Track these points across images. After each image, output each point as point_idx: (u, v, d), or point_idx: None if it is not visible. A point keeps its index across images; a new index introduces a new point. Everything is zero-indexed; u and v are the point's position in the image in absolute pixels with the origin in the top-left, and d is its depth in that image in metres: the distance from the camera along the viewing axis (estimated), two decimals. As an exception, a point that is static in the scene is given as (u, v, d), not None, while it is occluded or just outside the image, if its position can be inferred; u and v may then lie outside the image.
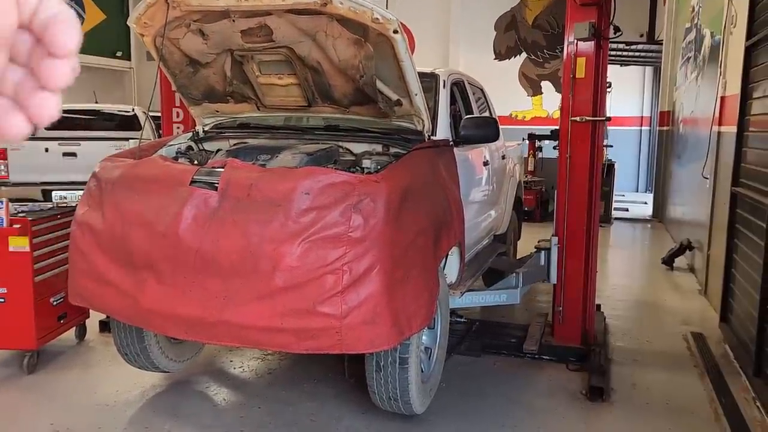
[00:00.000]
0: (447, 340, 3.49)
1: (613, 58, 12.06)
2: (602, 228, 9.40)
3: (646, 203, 11.92)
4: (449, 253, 3.44)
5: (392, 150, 3.28)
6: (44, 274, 3.79)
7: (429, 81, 3.81)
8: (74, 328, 4.22)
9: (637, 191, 14.55)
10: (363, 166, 3.05)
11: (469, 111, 4.38)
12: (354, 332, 2.51)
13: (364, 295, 2.50)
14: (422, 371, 3.15)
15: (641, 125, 14.73)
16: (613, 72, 13.46)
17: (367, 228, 2.52)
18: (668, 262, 6.77)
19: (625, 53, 11.98)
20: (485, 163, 4.34)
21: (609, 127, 13.50)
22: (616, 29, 3.78)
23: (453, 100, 4.18)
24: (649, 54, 12.37)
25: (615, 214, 10.39)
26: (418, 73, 3.11)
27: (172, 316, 2.65)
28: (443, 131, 3.59)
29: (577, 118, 3.88)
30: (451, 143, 3.59)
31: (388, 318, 2.54)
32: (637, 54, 12.33)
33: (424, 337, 3.25)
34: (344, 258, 2.49)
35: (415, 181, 2.86)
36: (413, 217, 2.75)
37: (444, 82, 3.88)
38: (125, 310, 2.78)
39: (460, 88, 4.38)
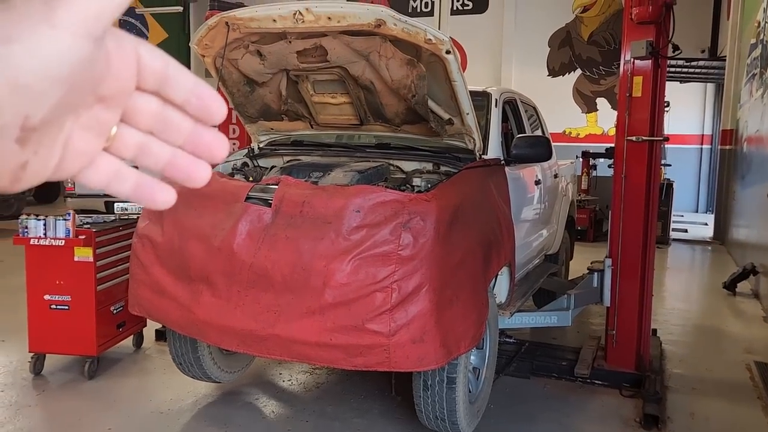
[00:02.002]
0: (495, 361, 3.45)
1: (672, 74, 11.76)
2: (659, 249, 9.11)
3: (706, 224, 11.51)
4: (499, 273, 3.41)
5: (443, 168, 3.30)
6: (106, 283, 3.95)
7: (481, 100, 3.81)
8: (132, 336, 4.38)
9: (697, 212, 14.06)
10: (413, 184, 3.07)
11: (522, 129, 4.35)
12: (402, 350, 2.52)
13: (412, 313, 2.50)
14: (470, 391, 3.12)
15: (702, 144, 14.25)
16: (673, 89, 13.16)
17: (417, 246, 2.53)
18: (730, 286, 6.50)
19: (685, 70, 11.65)
20: (537, 182, 4.29)
21: (668, 146, 13.16)
22: (675, 47, 3.69)
23: (505, 119, 4.16)
24: (711, 70, 11.98)
25: (673, 235, 10.07)
26: (470, 91, 3.12)
27: (225, 329, 2.71)
28: (494, 150, 3.58)
29: (634, 138, 3.80)
30: (503, 162, 3.57)
31: (436, 337, 2.54)
32: (697, 70, 11.97)
33: (472, 357, 3.23)
34: (393, 276, 2.51)
35: (466, 200, 2.85)
36: (463, 237, 2.75)
37: (496, 100, 3.87)
38: (181, 321, 2.87)
39: (512, 107, 4.36)
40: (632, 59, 3.74)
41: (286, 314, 2.59)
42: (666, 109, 4.15)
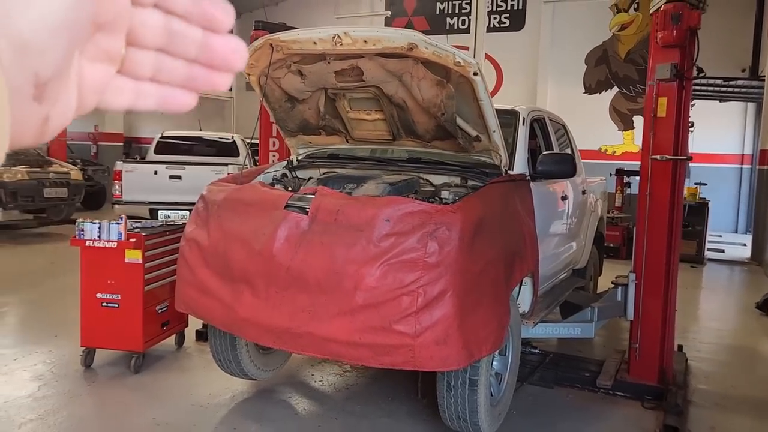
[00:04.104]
0: (518, 368, 3.59)
1: (711, 93, 11.69)
2: (694, 269, 9.08)
3: (745, 245, 11.33)
4: (523, 283, 3.56)
5: (470, 183, 3.48)
6: (152, 284, 4.22)
7: (509, 117, 3.98)
8: (174, 335, 4.64)
9: (737, 232, 13.83)
10: (441, 196, 3.26)
11: (549, 146, 4.49)
12: (426, 351, 2.69)
13: (437, 316, 2.68)
14: (492, 395, 3.27)
15: (742, 163, 14.05)
16: (712, 108, 13.05)
17: (442, 254, 2.71)
18: (763, 306, 6.46)
19: (723, 89, 11.55)
20: (563, 198, 4.43)
21: (706, 165, 13.01)
22: (699, 70, 3.81)
23: (533, 136, 4.32)
24: (752, 90, 11.85)
25: (709, 255, 9.98)
26: (499, 109, 3.31)
27: (263, 326, 2.94)
28: (520, 166, 3.74)
29: (658, 157, 3.92)
30: (528, 178, 3.73)
31: (458, 339, 2.71)
32: (737, 90, 11.86)
33: (495, 363, 3.38)
34: (419, 281, 2.69)
35: (490, 212, 3.03)
36: (486, 246, 2.92)
37: (524, 119, 4.04)
38: (223, 319, 3.11)
39: (540, 125, 4.51)
40: (657, 81, 3.86)
41: (319, 314, 2.80)
42: (690, 129, 4.25)
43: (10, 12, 0.33)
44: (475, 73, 3.00)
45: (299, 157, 4.11)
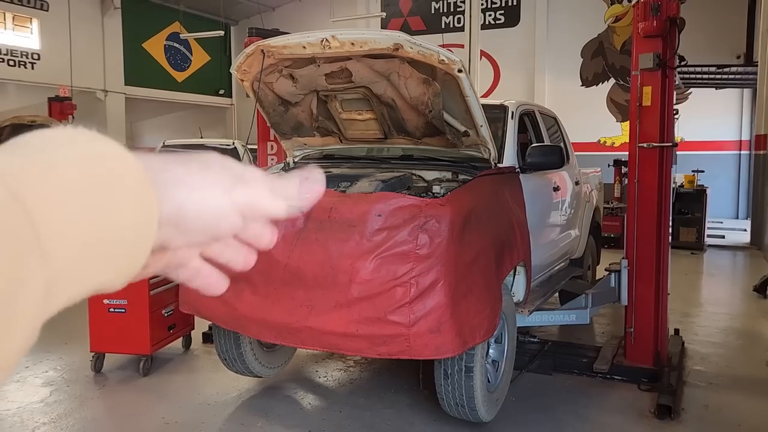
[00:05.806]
0: (514, 355, 3.69)
1: (706, 81, 11.75)
2: (694, 256, 9.16)
3: (745, 230, 11.39)
4: (516, 272, 3.66)
5: (460, 177, 3.58)
6: (157, 288, 4.33)
7: (498, 112, 4.08)
8: (181, 338, 4.76)
9: (737, 218, 13.88)
10: (433, 191, 3.36)
11: (540, 139, 4.59)
12: (421, 339, 2.80)
13: (429, 306, 2.79)
14: (489, 382, 3.37)
15: (740, 149, 14.10)
16: (708, 95, 13.09)
17: (433, 246, 2.81)
18: (760, 289, 6.54)
19: (717, 76, 11.61)
20: (556, 189, 4.52)
21: (704, 152, 13.07)
22: (681, 58, 3.90)
23: (524, 129, 4.41)
24: (747, 76, 11.90)
25: (709, 241, 10.04)
26: (488, 105, 3.41)
27: (263, 322, 3.05)
28: (510, 159, 3.84)
29: (644, 145, 4.01)
30: (517, 170, 3.83)
31: (452, 327, 2.81)
32: (731, 77, 11.92)
33: (491, 351, 3.48)
34: (412, 272, 2.79)
35: (478, 204, 3.13)
36: (476, 237, 3.02)
37: (512, 113, 4.13)
38: (225, 317, 3.22)
39: (531, 118, 4.61)
40: (641, 71, 3.95)
41: (317, 308, 2.91)
42: (676, 116, 4.34)
43: (187, 200, 0.42)
44: (460, 70, 3.10)
45: (295, 159, 4.22)
